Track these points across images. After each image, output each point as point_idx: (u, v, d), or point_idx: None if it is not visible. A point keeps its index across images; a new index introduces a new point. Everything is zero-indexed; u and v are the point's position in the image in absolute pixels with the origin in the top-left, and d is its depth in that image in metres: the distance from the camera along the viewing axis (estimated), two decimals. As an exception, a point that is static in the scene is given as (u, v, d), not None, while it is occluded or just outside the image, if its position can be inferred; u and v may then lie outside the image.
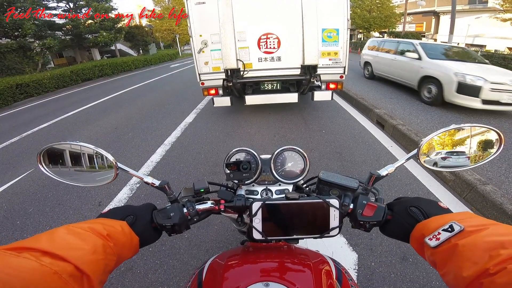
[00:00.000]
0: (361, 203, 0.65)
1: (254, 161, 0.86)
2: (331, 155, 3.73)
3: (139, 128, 5.40)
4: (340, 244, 2.12)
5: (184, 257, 2.13)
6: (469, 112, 5.05)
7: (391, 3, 26.52)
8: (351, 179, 0.70)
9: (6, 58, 13.36)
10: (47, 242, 0.43)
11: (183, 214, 0.68)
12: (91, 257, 0.46)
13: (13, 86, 9.71)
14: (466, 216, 0.50)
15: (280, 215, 0.63)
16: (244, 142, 4.35)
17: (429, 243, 0.49)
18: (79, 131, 5.60)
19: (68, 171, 0.71)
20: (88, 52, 24.51)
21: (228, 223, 2.39)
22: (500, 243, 0.40)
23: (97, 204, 2.94)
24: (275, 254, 0.74)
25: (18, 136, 5.61)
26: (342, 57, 4.49)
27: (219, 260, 0.73)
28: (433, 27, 27.85)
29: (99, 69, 14.90)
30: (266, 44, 4.42)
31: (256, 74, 4.62)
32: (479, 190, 2.58)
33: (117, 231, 0.55)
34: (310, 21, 4.16)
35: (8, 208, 3.04)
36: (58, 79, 11.99)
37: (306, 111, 5.73)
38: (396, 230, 0.62)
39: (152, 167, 3.68)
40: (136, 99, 8.50)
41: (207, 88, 4.83)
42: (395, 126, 4.21)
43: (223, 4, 4.09)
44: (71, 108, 7.83)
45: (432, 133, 0.69)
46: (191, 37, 4.41)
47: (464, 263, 0.42)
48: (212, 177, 3.35)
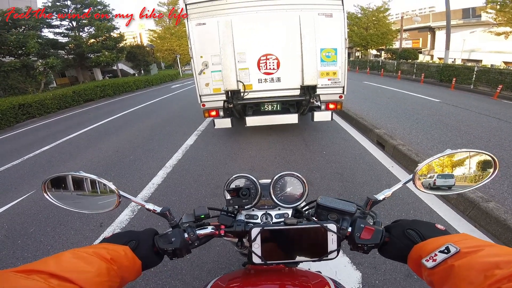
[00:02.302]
0: (359, 227, 0.67)
1: (254, 187, 0.88)
2: (332, 176, 3.72)
3: (140, 150, 5.42)
4: (343, 264, 2.13)
5: (186, 278, 2.13)
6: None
7: (387, 20, 27.11)
8: (348, 203, 0.72)
9: (9, 77, 13.47)
10: (54, 265, 0.46)
11: (184, 239, 0.70)
12: (96, 279, 0.48)
13: (16, 106, 9.82)
14: (462, 238, 0.52)
15: (279, 239, 0.65)
16: (245, 164, 4.35)
17: (426, 264, 0.50)
18: (81, 154, 5.61)
19: (71, 195, 0.74)
20: (90, 72, 24.83)
21: (229, 244, 2.37)
22: (495, 263, 0.41)
23: (99, 225, 2.94)
24: (276, 276, 0.75)
25: (20, 158, 5.64)
26: (340, 77, 4.53)
27: (220, 282, 0.74)
28: (429, 43, 28.40)
29: (101, 89, 15.13)
30: (266, 65, 4.48)
31: (256, 95, 4.67)
32: (482, 207, 2.58)
33: (120, 256, 0.58)
34: (309, 41, 4.23)
35: (10, 228, 3.06)
36: (60, 99, 12.16)
37: (307, 132, 5.77)
38: (394, 251, 0.63)
39: (154, 189, 3.68)
40: (137, 120, 8.57)
41: (208, 110, 4.86)
42: (396, 146, 4.22)
43: (223, 25, 4.18)
44: (72, 130, 7.90)
45: (428, 158, 0.70)
46: (192, 58, 4.46)
47: (460, 283, 0.43)
48: (213, 199, 3.35)
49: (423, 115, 6.62)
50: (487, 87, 10.49)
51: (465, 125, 5.61)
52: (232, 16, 4.20)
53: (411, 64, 16.62)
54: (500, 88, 9.23)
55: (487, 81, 10.50)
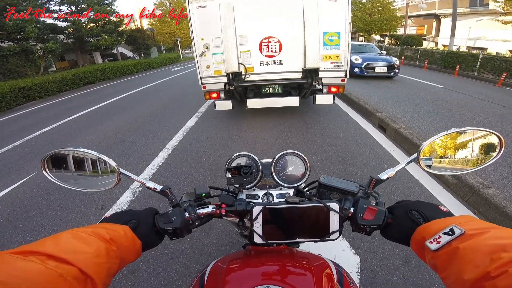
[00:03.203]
0: (361, 207, 0.65)
1: (255, 165, 0.87)
2: (333, 158, 3.72)
3: (141, 131, 5.41)
4: (342, 247, 2.12)
5: (187, 260, 2.13)
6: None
7: (392, 6, 26.62)
8: (351, 183, 0.71)
9: (8, 62, 13.41)
10: (52, 246, 0.45)
11: (185, 219, 0.69)
12: (95, 260, 0.47)
13: (16, 89, 9.76)
14: (467, 220, 0.50)
15: (280, 219, 0.64)
16: (246, 145, 4.35)
17: (429, 246, 0.49)
18: (81, 135, 5.61)
19: (71, 175, 0.72)
20: (90, 56, 24.59)
21: (230, 226, 2.39)
22: (501, 246, 0.40)
23: (100, 207, 2.95)
24: (277, 257, 0.74)
25: (20, 140, 5.64)
26: (343, 61, 4.48)
27: (220, 263, 0.73)
28: (434, 30, 27.90)
29: (101, 72, 14.99)
30: (268, 48, 4.42)
31: (258, 78, 4.63)
32: (481, 193, 2.58)
33: (120, 235, 0.56)
34: (312, 25, 4.16)
35: (11, 211, 3.05)
36: (60, 82, 12.07)
37: (308, 114, 5.74)
38: (396, 233, 0.62)
39: (154, 171, 3.69)
40: (138, 102, 8.53)
41: (208, 92, 4.83)
42: (397, 129, 4.21)
43: (224, 7, 4.11)
44: (73, 112, 7.87)
45: (433, 136, 0.69)
46: (193, 40, 4.41)
47: (465, 266, 0.42)
48: (213, 180, 3.35)
49: (425, 100, 6.57)
50: (491, 74, 10.39)
51: (468, 111, 5.59)
52: None
53: (415, 50, 16.41)
54: (504, 76, 9.14)
55: (492, 69, 10.40)
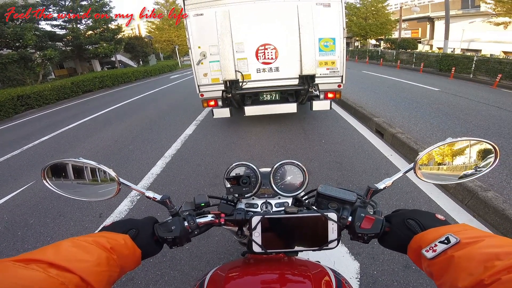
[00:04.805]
0: (359, 216, 0.66)
1: (254, 175, 0.87)
2: (331, 164, 3.74)
3: (139, 140, 5.42)
4: (342, 254, 2.13)
5: (185, 268, 2.13)
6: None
7: (386, 10, 26.85)
8: (349, 192, 0.71)
9: (7, 69, 13.40)
10: (53, 254, 0.45)
11: (184, 227, 0.69)
12: (96, 268, 0.48)
13: (14, 97, 9.78)
14: (462, 228, 0.51)
15: (279, 228, 0.64)
16: (244, 153, 4.36)
17: (426, 254, 0.50)
18: (80, 144, 5.61)
19: (71, 184, 0.73)
20: (88, 63, 24.64)
21: (229, 234, 2.38)
22: (495, 254, 0.41)
23: (98, 216, 2.95)
24: (276, 266, 0.75)
25: (19, 149, 5.64)
26: (339, 66, 4.52)
27: (220, 272, 0.74)
28: (428, 33, 28.15)
29: (99, 80, 15.03)
30: (264, 55, 4.46)
31: (255, 85, 4.66)
32: (480, 196, 2.58)
33: (120, 244, 0.57)
34: (307, 31, 4.20)
35: (10, 219, 3.06)
36: (59, 90, 12.09)
37: (306, 121, 5.77)
38: (394, 242, 0.63)
39: (153, 179, 3.69)
40: (136, 110, 8.55)
41: (206, 100, 4.86)
42: (394, 134, 4.24)
43: (221, 15, 4.15)
44: (71, 121, 7.88)
45: (428, 147, 0.70)
46: (190, 48, 4.45)
47: (460, 274, 0.43)
48: (212, 188, 3.36)
49: (422, 104, 6.61)
50: (486, 76, 10.44)
51: (464, 114, 5.62)
52: (230, 6, 4.17)
53: (410, 54, 16.51)
54: (499, 77, 9.20)
55: (487, 71, 10.45)
